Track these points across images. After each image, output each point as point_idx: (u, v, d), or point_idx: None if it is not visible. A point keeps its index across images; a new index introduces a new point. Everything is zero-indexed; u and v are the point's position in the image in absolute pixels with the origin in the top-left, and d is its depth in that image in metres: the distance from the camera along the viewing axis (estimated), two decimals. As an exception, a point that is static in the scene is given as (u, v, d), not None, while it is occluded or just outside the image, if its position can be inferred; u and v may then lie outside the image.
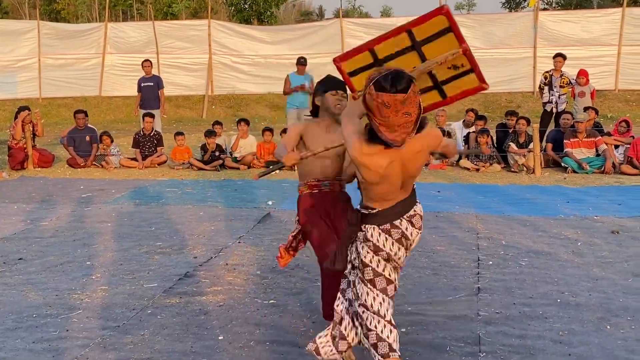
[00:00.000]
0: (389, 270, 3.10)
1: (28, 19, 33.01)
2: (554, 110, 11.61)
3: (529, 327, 4.12)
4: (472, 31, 19.60)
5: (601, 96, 17.30)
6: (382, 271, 3.07)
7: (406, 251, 3.12)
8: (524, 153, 10.20)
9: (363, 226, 3.05)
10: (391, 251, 3.04)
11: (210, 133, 11.22)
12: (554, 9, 39.30)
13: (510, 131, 10.79)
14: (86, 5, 40.16)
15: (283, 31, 22.36)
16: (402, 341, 3.92)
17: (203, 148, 11.27)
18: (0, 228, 6.97)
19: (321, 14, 59.89)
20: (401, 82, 2.63)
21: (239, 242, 6.25)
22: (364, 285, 3.09)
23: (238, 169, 10.90)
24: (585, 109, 11.03)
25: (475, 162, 10.46)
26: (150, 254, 5.90)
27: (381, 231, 3.01)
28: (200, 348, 3.89)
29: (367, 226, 3.04)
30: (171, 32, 21.37)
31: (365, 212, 3.05)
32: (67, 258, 5.81)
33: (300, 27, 23.77)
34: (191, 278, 5.20)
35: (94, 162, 11.38)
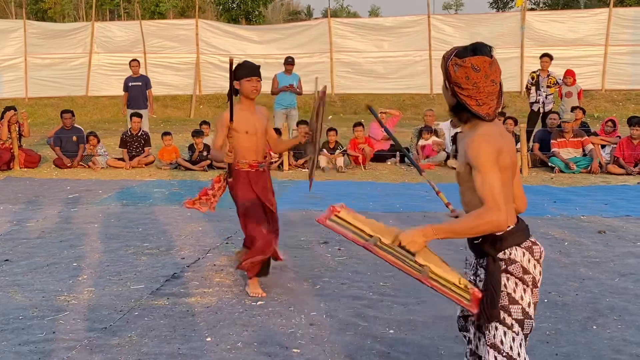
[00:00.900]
0: (533, 306, 2.55)
1: (14, 18, 32.77)
2: (541, 110, 11.66)
3: (517, 327, 4.13)
4: (460, 31, 19.68)
5: (588, 96, 17.40)
6: (528, 308, 2.51)
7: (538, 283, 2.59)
8: (512, 153, 10.22)
9: (502, 253, 2.51)
10: (536, 276, 2.54)
11: (197, 133, 11.18)
12: (541, 9, 39.51)
13: (497, 131, 10.81)
14: (73, 4, 39.98)
15: (271, 31, 22.33)
16: (391, 342, 3.93)
17: (191, 148, 11.22)
18: (-15, 229, 6.92)
19: (309, 14, 59.91)
20: (485, 47, 2.50)
21: (227, 243, 6.23)
22: (510, 331, 2.50)
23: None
24: (572, 109, 11.09)
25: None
26: (137, 255, 5.87)
27: (525, 250, 2.51)
28: (187, 350, 3.87)
29: (507, 250, 2.50)
30: (158, 32, 21.29)
31: (499, 235, 2.49)
32: (54, 259, 5.77)
33: (288, 27, 23.75)
34: (179, 279, 5.18)
35: (81, 163, 11.31)
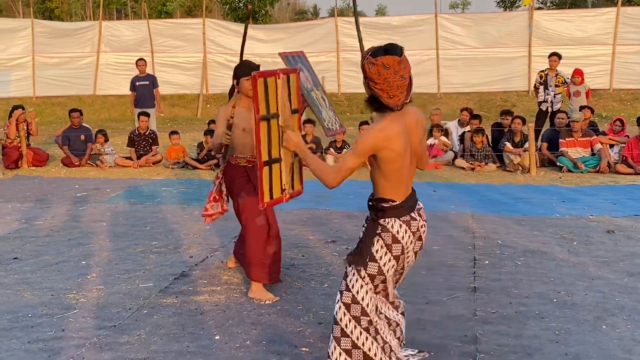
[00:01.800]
0: (391, 275, 3.18)
1: (22, 17, 32.88)
2: (549, 109, 11.61)
3: (526, 327, 4.13)
4: (467, 30, 19.65)
5: (596, 95, 17.33)
6: (386, 272, 3.13)
7: (414, 255, 3.23)
8: (520, 152, 10.20)
9: (383, 220, 3.11)
10: (406, 245, 3.12)
11: (210, 132, 11.17)
12: (549, 8, 39.34)
13: (505, 130, 10.80)
14: (80, 3, 40.03)
15: (278, 30, 22.31)
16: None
17: (199, 146, 11.24)
18: (-6, 227, 6.94)
19: (316, 13, 59.86)
20: (396, 48, 2.96)
21: (235, 241, 6.22)
22: (361, 280, 3.15)
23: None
24: (580, 108, 11.04)
25: (470, 162, 10.47)
26: (145, 254, 5.89)
27: (402, 222, 3.11)
28: (196, 348, 3.88)
29: (387, 219, 3.11)
30: (165, 31, 21.29)
31: (385, 206, 3.10)
32: (63, 257, 5.80)
33: (295, 26, 23.74)
34: (187, 277, 5.19)
35: (89, 161, 11.34)
